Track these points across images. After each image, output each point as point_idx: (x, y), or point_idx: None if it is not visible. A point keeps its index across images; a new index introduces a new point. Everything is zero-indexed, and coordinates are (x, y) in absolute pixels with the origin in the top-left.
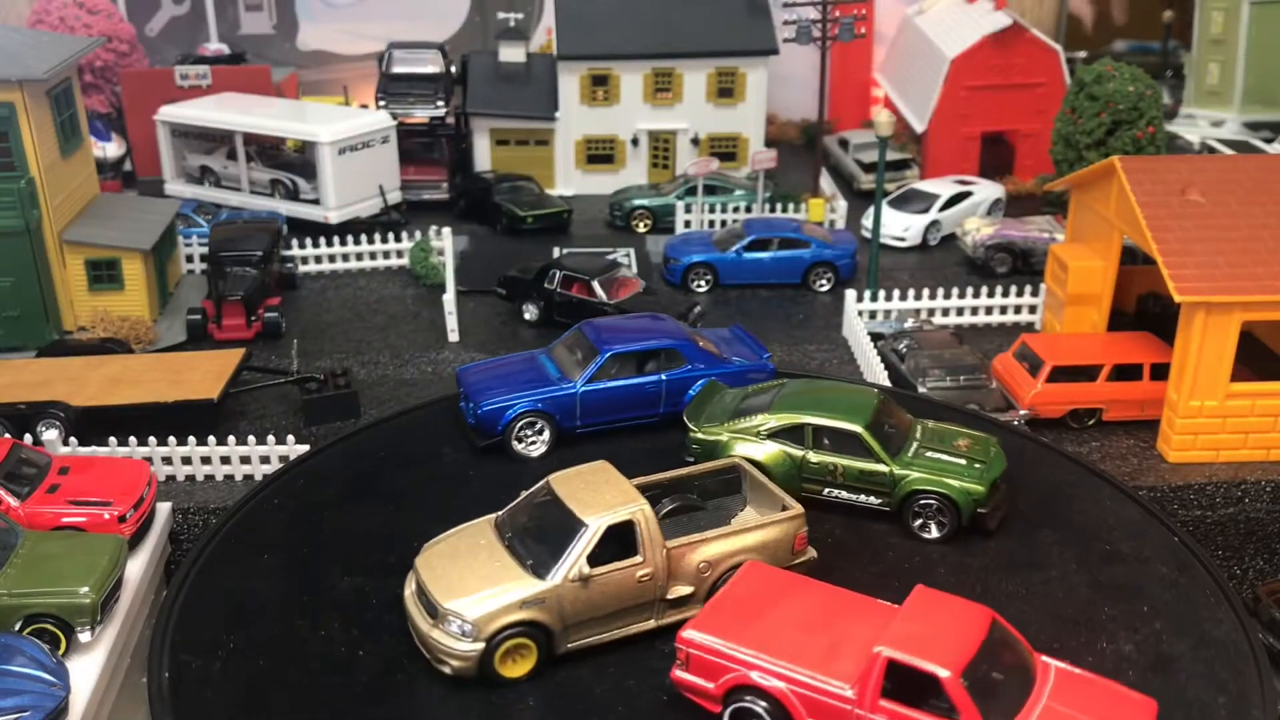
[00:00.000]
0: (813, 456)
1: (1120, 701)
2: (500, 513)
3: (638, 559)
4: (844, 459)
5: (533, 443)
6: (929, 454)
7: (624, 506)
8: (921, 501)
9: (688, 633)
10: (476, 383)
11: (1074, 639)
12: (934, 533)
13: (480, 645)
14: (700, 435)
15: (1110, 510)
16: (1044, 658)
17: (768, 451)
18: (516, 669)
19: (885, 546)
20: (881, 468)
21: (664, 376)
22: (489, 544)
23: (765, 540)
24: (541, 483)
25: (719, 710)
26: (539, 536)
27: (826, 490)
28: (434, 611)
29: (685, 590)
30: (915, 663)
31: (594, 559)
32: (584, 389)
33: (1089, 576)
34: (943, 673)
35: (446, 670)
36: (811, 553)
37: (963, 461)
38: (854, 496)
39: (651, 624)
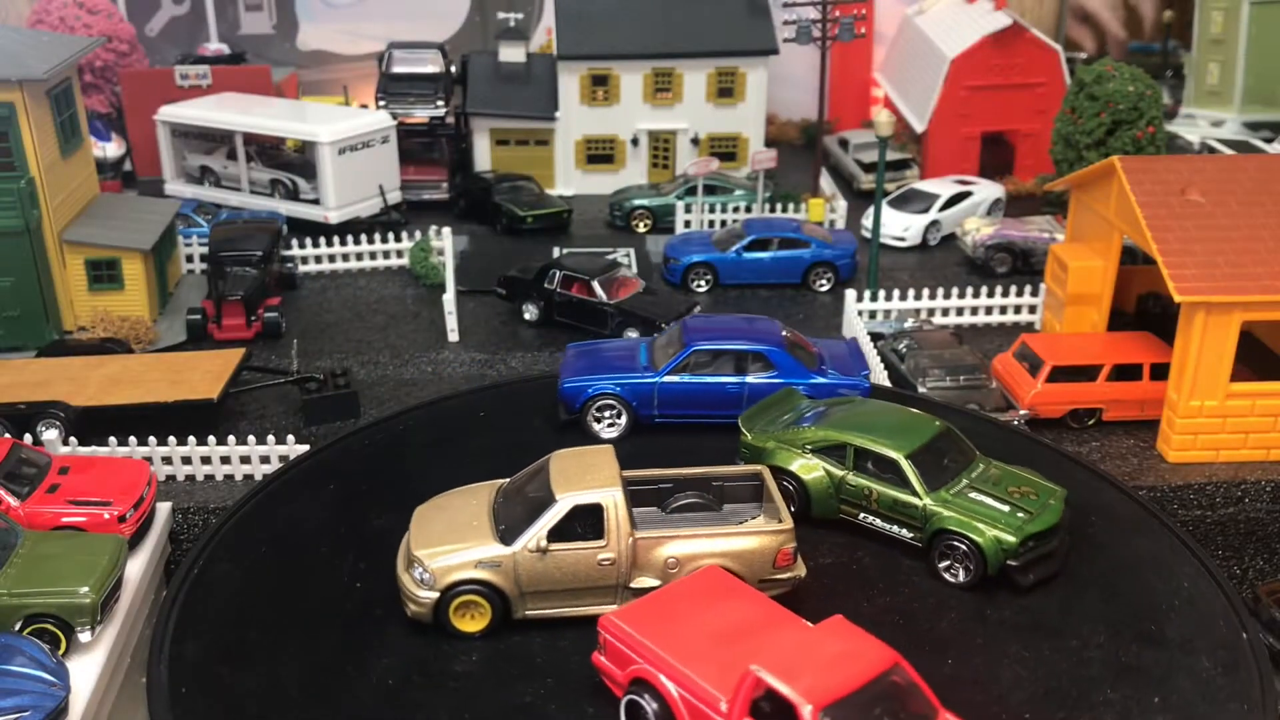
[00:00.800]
0: (851, 478)
1: None
2: (509, 479)
3: (601, 542)
4: (880, 485)
5: (611, 424)
6: (972, 494)
7: (597, 490)
8: (950, 542)
9: (607, 618)
10: (569, 360)
11: (1051, 714)
12: (960, 577)
13: (435, 594)
14: (749, 439)
15: (1182, 593)
16: (948, 715)
17: (808, 466)
18: (471, 624)
19: (905, 582)
20: (915, 500)
21: (747, 379)
22: (478, 505)
23: (741, 548)
24: (546, 456)
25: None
26: (521, 505)
27: (862, 515)
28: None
29: (650, 582)
30: (780, 688)
31: (558, 535)
32: (663, 380)
33: (1110, 654)
34: (804, 705)
35: (408, 612)
36: (799, 570)
37: (1005, 508)
38: (887, 526)
39: (613, 608)
